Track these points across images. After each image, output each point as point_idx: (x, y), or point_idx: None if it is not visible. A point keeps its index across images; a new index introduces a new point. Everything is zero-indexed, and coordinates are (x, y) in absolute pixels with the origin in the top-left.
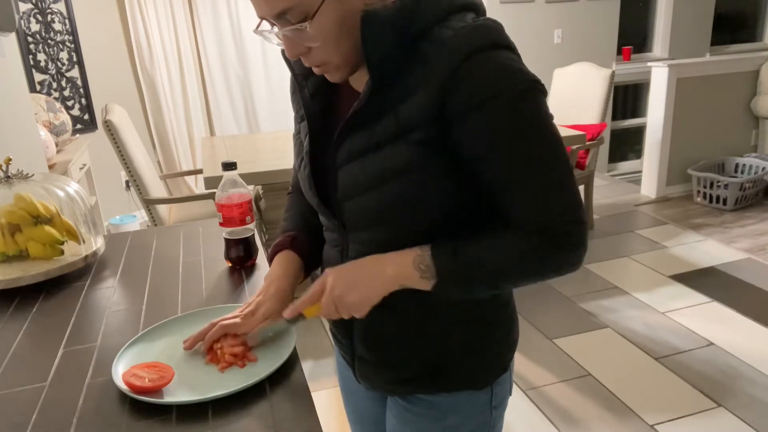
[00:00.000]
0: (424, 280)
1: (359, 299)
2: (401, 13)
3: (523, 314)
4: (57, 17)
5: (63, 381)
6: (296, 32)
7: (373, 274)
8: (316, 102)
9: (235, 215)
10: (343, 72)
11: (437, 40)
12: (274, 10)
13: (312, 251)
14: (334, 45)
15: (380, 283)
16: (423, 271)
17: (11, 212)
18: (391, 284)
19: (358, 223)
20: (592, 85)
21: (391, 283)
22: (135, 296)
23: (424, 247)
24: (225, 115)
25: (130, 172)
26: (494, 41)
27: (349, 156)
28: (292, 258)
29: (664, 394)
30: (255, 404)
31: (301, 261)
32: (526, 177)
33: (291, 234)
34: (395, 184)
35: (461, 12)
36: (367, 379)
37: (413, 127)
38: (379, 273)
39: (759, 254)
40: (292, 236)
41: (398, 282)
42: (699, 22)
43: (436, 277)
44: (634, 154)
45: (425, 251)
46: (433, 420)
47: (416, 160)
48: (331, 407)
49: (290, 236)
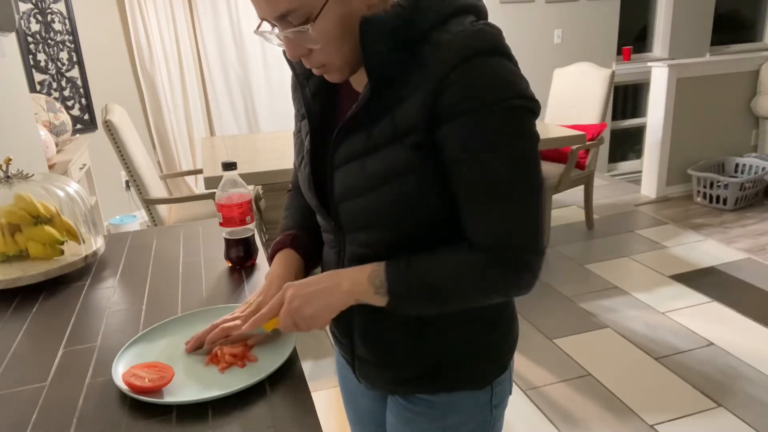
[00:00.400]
0: (378, 296)
1: (315, 312)
2: (400, 18)
3: (523, 314)
4: (57, 17)
5: (63, 381)
6: (298, 34)
7: (328, 288)
8: (317, 101)
9: (235, 215)
10: (344, 73)
11: (435, 44)
12: (275, 12)
13: (312, 250)
14: (335, 47)
15: (336, 297)
16: (377, 286)
17: (11, 212)
18: (346, 298)
19: (354, 225)
20: (592, 85)
21: (346, 297)
22: (135, 296)
23: (381, 263)
24: (225, 115)
25: (130, 172)
26: (491, 47)
27: (347, 157)
28: (293, 257)
29: (664, 394)
30: (255, 404)
31: (302, 260)
32: (490, 195)
33: (291, 232)
34: (391, 186)
35: (461, 15)
36: (367, 379)
37: (409, 130)
38: (335, 286)
39: (759, 254)
40: (293, 235)
41: (353, 297)
42: (699, 22)
43: (387, 295)
44: (634, 154)
45: (381, 267)
46: (433, 419)
47: (412, 163)
48: (331, 407)
49: (290, 235)
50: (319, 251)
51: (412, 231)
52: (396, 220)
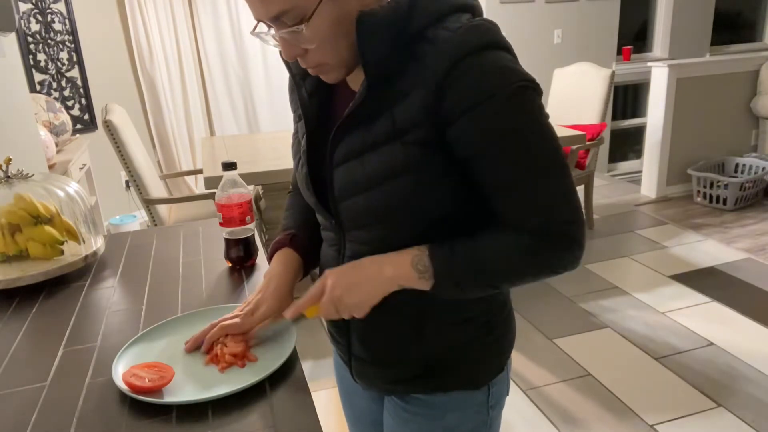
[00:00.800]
0: (423, 281)
1: (358, 300)
2: (397, 15)
3: (523, 314)
4: (57, 17)
5: (63, 381)
6: (292, 34)
7: (371, 276)
8: (314, 102)
9: (235, 215)
10: (340, 73)
11: (433, 41)
12: (270, 13)
13: (312, 249)
14: (330, 46)
15: (379, 284)
16: (421, 271)
17: (11, 212)
18: (389, 285)
19: (354, 223)
20: (592, 85)
21: (389, 284)
22: (135, 296)
23: (422, 247)
24: (225, 115)
25: (130, 172)
26: (489, 41)
27: (345, 156)
28: (292, 256)
29: (664, 394)
30: (255, 404)
31: (301, 259)
32: (521, 176)
33: (291, 232)
34: (391, 184)
35: (457, 13)
36: (363, 379)
37: (409, 127)
38: (378, 274)
39: (759, 254)
40: (292, 234)
41: (397, 283)
42: (699, 22)
43: (433, 278)
44: (634, 154)
45: (423, 251)
46: (429, 419)
47: (412, 161)
48: (331, 407)
49: (290, 234)
50: (319, 251)
51: (412, 228)
52: (396, 217)
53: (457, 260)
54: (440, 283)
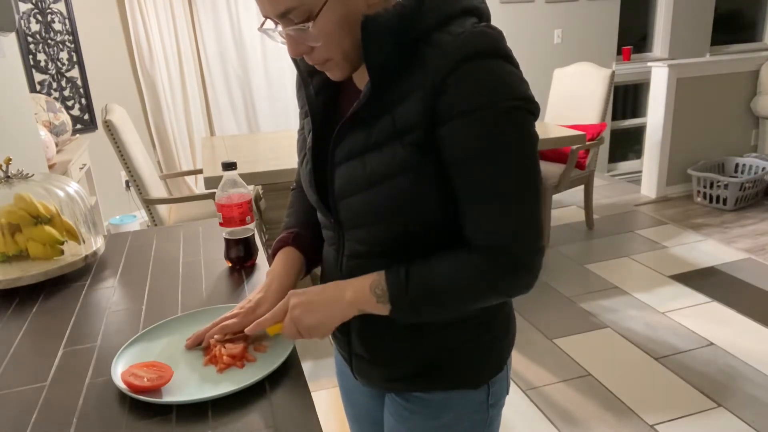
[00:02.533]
0: (381, 305)
1: (316, 322)
2: (402, 18)
3: (523, 314)
4: (57, 17)
5: (63, 381)
6: (299, 32)
7: (331, 299)
8: (320, 99)
9: (235, 215)
10: (345, 70)
11: (435, 44)
12: (277, 10)
13: (314, 248)
14: (336, 44)
15: (338, 307)
16: (379, 295)
17: (11, 212)
18: (349, 308)
19: (353, 222)
20: (592, 85)
21: (349, 307)
22: (135, 296)
23: (381, 272)
24: (225, 115)
25: (130, 172)
26: (491, 49)
27: (347, 154)
28: (294, 254)
29: (664, 394)
30: (255, 404)
31: (303, 258)
32: (489, 195)
33: (293, 230)
34: (390, 184)
35: (463, 17)
36: (363, 376)
37: (409, 129)
38: (338, 297)
39: (759, 254)
40: (295, 233)
41: (356, 307)
42: (699, 22)
43: (389, 303)
44: (634, 154)
45: (381, 276)
46: (429, 418)
47: (411, 162)
48: (331, 407)
49: (292, 233)
50: (321, 250)
51: (410, 229)
52: (394, 218)
53: (410, 285)
54: (395, 307)
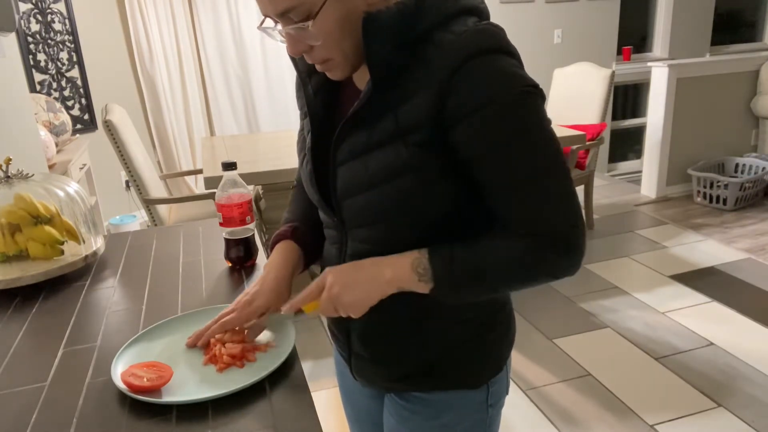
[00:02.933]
0: (422, 284)
1: (356, 300)
2: (403, 16)
3: (523, 314)
4: (57, 17)
5: (63, 381)
6: (299, 31)
7: (371, 276)
8: (319, 99)
9: (235, 215)
10: (345, 70)
11: (438, 44)
12: (277, 9)
13: (313, 243)
14: (335, 43)
15: (378, 285)
16: (421, 274)
17: (11, 212)
18: (388, 287)
19: (356, 221)
20: (592, 85)
21: (388, 285)
22: (135, 296)
23: (422, 251)
24: (225, 115)
25: (130, 172)
26: (494, 46)
27: (349, 154)
28: (293, 248)
29: (664, 394)
30: (255, 404)
31: (302, 252)
32: (522, 180)
33: (293, 225)
34: (393, 183)
35: (463, 16)
36: (363, 376)
37: (412, 128)
38: (377, 275)
39: (759, 254)
40: (294, 227)
41: (396, 285)
42: (699, 22)
43: (432, 281)
44: (634, 154)
45: (423, 254)
46: (429, 418)
47: (414, 161)
48: (331, 407)
49: (292, 227)
50: (321, 246)
51: (414, 228)
52: (397, 217)
53: (456, 264)
54: (439, 286)
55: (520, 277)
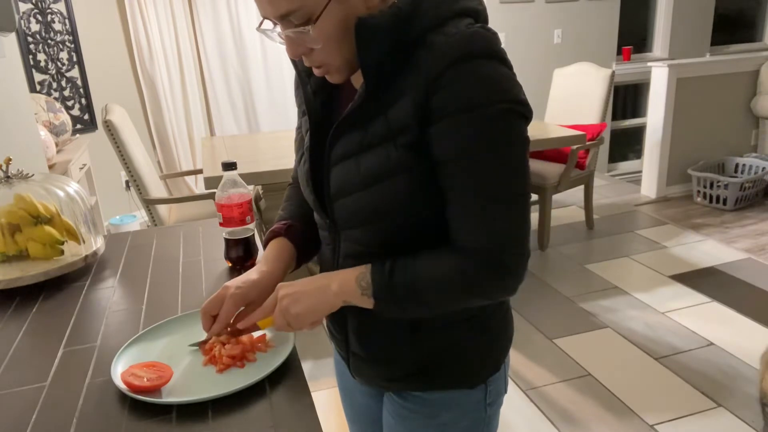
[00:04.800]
0: (365, 297)
1: (302, 311)
2: (397, 20)
3: (523, 314)
4: (57, 17)
5: (63, 381)
6: (299, 34)
7: (318, 289)
8: (318, 99)
9: (235, 215)
10: (344, 73)
11: (430, 46)
12: (277, 12)
13: (306, 242)
14: (335, 47)
15: (324, 297)
16: (364, 288)
17: (11, 212)
18: (334, 299)
19: (347, 222)
20: (592, 85)
21: (335, 297)
22: (135, 296)
23: (368, 266)
24: (225, 115)
25: (130, 172)
26: (485, 50)
27: (343, 155)
28: (286, 245)
29: (664, 394)
30: (255, 404)
31: (294, 249)
32: (476, 197)
33: (287, 222)
34: (384, 185)
35: (458, 18)
36: (361, 375)
37: (402, 130)
38: (325, 287)
39: (759, 254)
40: (288, 224)
41: (341, 298)
42: (699, 22)
43: (372, 296)
44: (634, 154)
45: (368, 269)
46: (427, 417)
47: (405, 163)
48: (331, 407)
49: (286, 224)
50: (314, 244)
51: (405, 229)
52: (389, 218)
53: (394, 279)
54: (379, 301)
55: (455, 297)
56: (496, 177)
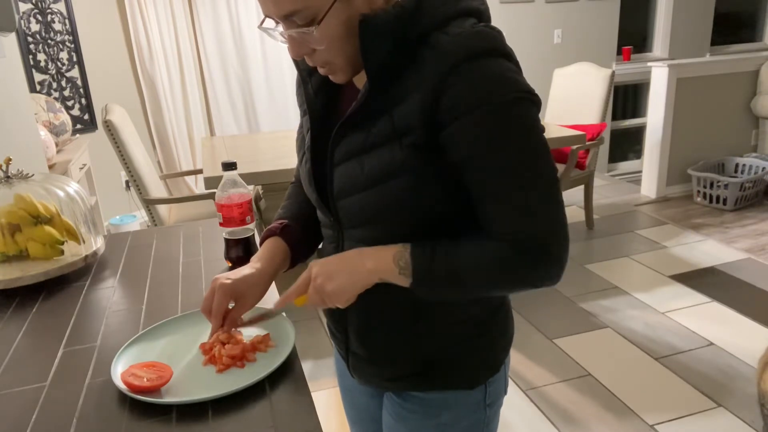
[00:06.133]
0: (402, 277)
1: (338, 288)
2: (400, 19)
3: (523, 314)
4: (57, 17)
5: (63, 381)
6: (302, 34)
7: (353, 266)
8: (319, 98)
9: (235, 215)
10: (347, 73)
11: (434, 46)
12: (281, 12)
13: (301, 242)
14: (338, 48)
15: (359, 274)
16: (402, 267)
17: (11, 212)
18: (369, 277)
19: (351, 221)
20: (592, 85)
21: (369, 275)
22: (135, 296)
23: (406, 245)
24: (225, 115)
25: (130, 172)
26: (490, 48)
27: (346, 154)
28: (280, 245)
29: (664, 394)
30: (255, 404)
31: (288, 249)
32: (508, 186)
33: (283, 222)
34: (388, 184)
35: (461, 17)
36: (360, 375)
37: (407, 129)
38: (359, 265)
39: (759, 254)
40: (284, 224)
41: (377, 275)
42: (699, 22)
43: (411, 276)
44: (634, 154)
45: (406, 248)
46: (426, 417)
47: (409, 163)
48: (331, 407)
49: (282, 224)
50: (311, 244)
51: (409, 229)
52: (392, 217)
53: (436, 263)
54: (417, 281)
55: (497, 283)
56: (524, 164)
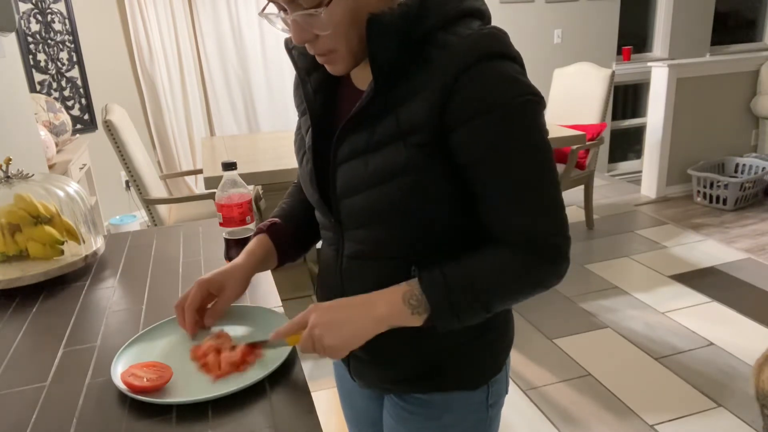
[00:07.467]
0: (416, 316)
1: (339, 343)
2: (406, 18)
3: (523, 314)
4: (57, 17)
5: (63, 381)
6: (307, 18)
7: (358, 316)
8: (318, 97)
9: (235, 215)
10: (347, 64)
11: (442, 45)
12: None
13: (290, 243)
14: (343, 34)
15: (365, 325)
16: (414, 306)
17: (11, 212)
18: (377, 327)
19: (353, 222)
20: (592, 85)
21: (377, 325)
22: (135, 296)
23: (409, 282)
24: (225, 115)
25: (130, 172)
26: (499, 51)
27: (349, 154)
28: (264, 243)
29: (664, 394)
30: (255, 404)
31: (274, 248)
32: (517, 187)
33: (273, 220)
34: (392, 184)
35: (467, 18)
36: (361, 378)
37: (413, 129)
38: (365, 315)
39: (759, 254)
40: (274, 223)
41: (387, 323)
42: (699, 22)
43: (429, 309)
44: (634, 154)
45: (413, 285)
46: (428, 419)
47: (414, 163)
48: (331, 407)
49: (272, 222)
50: (300, 245)
51: (411, 230)
52: (395, 218)
53: (451, 287)
54: (438, 313)
55: (512, 290)
56: (531, 165)
